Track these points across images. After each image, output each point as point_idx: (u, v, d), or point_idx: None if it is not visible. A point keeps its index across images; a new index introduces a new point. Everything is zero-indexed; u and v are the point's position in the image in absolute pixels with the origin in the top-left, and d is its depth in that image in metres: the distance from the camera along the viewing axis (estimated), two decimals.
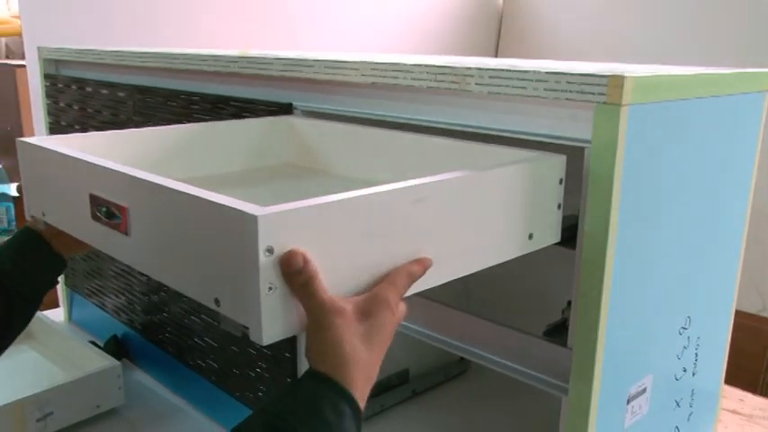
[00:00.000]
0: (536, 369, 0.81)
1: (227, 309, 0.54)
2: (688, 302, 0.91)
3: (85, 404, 1.27)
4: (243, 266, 0.52)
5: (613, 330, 0.76)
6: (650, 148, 0.75)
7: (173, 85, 1.24)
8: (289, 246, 0.52)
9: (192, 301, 1.28)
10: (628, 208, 0.73)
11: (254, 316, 0.52)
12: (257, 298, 0.52)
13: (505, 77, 0.76)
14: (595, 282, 0.73)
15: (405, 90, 0.88)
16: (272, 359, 1.13)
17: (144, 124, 1.31)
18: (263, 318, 0.52)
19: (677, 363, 0.92)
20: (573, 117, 0.74)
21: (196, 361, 1.31)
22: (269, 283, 0.52)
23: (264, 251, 0.51)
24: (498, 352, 0.84)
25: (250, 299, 0.52)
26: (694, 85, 0.81)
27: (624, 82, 0.68)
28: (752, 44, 2.34)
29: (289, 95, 1.03)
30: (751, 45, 2.34)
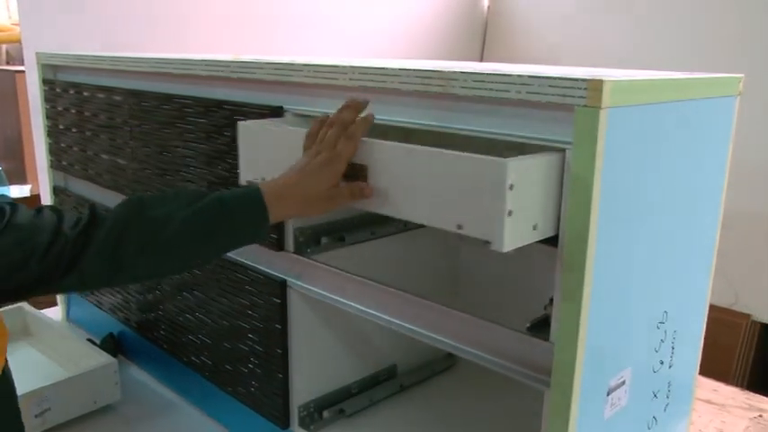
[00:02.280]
0: (520, 363, 0.81)
1: (470, 230, 0.72)
2: (665, 298, 0.91)
3: (83, 400, 1.26)
4: (492, 198, 0.70)
5: (594, 325, 0.76)
6: (628, 149, 0.75)
7: (167, 89, 1.23)
8: (522, 184, 0.70)
9: (187, 299, 1.27)
10: (607, 207, 0.73)
11: (497, 233, 0.70)
12: (502, 220, 0.69)
13: (489, 81, 0.76)
14: (576, 279, 0.73)
15: (392, 93, 0.87)
16: (264, 355, 1.12)
17: (138, 127, 1.30)
18: (505, 233, 0.70)
19: (655, 356, 0.92)
20: (555, 119, 0.73)
21: (190, 357, 1.30)
22: (509, 208, 0.69)
23: (508, 187, 0.68)
24: (484, 347, 0.84)
25: (495, 221, 0.70)
26: (669, 88, 0.81)
27: (603, 86, 0.68)
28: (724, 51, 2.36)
29: (279, 99, 1.02)
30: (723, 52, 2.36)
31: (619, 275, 0.79)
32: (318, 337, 1.13)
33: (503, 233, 0.70)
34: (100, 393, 1.28)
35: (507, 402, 1.22)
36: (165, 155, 1.24)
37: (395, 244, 1.20)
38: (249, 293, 1.13)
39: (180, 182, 1.22)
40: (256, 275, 1.11)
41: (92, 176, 1.47)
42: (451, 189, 0.74)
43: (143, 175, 1.31)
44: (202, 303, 1.24)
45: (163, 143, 1.24)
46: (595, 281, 0.74)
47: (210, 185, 1.15)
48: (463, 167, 0.73)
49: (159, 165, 1.26)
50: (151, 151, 1.28)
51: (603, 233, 0.74)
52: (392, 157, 0.80)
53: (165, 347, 1.37)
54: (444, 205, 0.75)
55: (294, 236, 1.05)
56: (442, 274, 1.33)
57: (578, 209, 0.72)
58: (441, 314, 0.88)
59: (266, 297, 1.10)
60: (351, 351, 1.19)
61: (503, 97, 0.75)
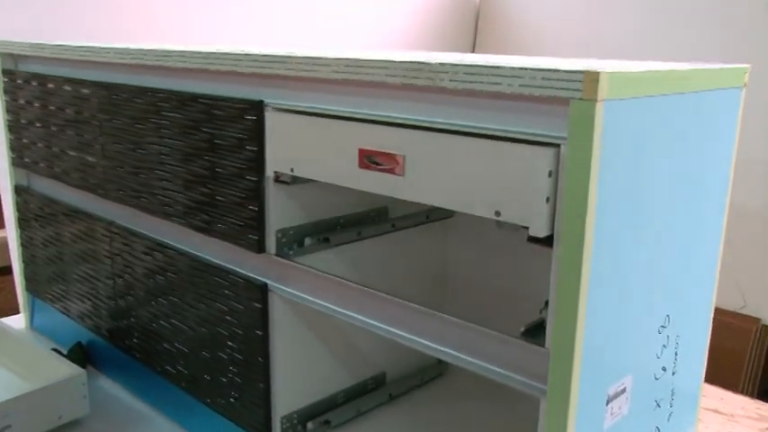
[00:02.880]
0: (514, 370, 0.82)
1: (508, 216, 0.78)
2: (667, 301, 0.93)
3: (47, 415, 1.25)
4: (532, 185, 0.75)
5: (591, 330, 0.77)
6: (627, 145, 0.76)
7: (139, 81, 1.24)
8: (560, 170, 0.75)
9: (161, 305, 1.28)
10: (605, 205, 0.75)
11: (536, 219, 0.76)
12: (542, 206, 0.75)
13: (480, 74, 0.77)
14: (573, 281, 0.74)
15: (378, 86, 0.89)
16: (245, 364, 1.14)
17: (109, 122, 1.31)
18: (545, 219, 0.75)
19: (657, 362, 0.94)
20: (549, 113, 0.75)
21: (165, 367, 1.31)
22: (546, 195, 0.74)
23: (548, 173, 0.73)
24: (476, 353, 0.85)
25: (534, 207, 0.75)
26: (670, 80, 0.82)
27: (599, 77, 0.69)
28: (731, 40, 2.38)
29: (259, 92, 1.04)
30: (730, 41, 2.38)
31: (618, 278, 0.80)
32: (302, 344, 1.14)
33: (542, 219, 0.75)
34: (66, 408, 1.28)
35: (501, 411, 1.23)
36: (139, 152, 1.25)
37: (382, 245, 1.22)
38: (228, 298, 1.14)
39: (155, 180, 1.23)
40: (235, 279, 1.12)
41: (58, 175, 1.47)
42: (491, 176, 0.79)
43: (114, 173, 1.32)
44: (178, 309, 1.25)
45: (135, 139, 1.25)
46: (593, 283, 0.76)
47: (187, 184, 1.17)
48: (503, 155, 0.78)
49: (132, 162, 1.27)
50: (123, 148, 1.29)
51: (601, 233, 0.75)
52: (430, 146, 0.84)
53: (138, 357, 1.38)
54: (482, 192, 0.80)
55: (276, 237, 1.06)
56: (432, 276, 1.35)
57: (574, 207, 0.73)
58: (431, 319, 0.89)
59: (246, 302, 1.11)
60: (336, 358, 1.20)
61: (494, 91, 0.76)
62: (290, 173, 1.01)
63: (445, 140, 0.83)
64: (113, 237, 1.37)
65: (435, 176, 0.84)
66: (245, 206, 1.07)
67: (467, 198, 0.82)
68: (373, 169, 0.90)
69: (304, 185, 1.08)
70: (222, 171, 1.10)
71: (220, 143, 1.09)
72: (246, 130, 1.04)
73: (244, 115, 1.04)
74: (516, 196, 0.77)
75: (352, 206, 1.18)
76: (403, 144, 0.87)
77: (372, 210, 1.21)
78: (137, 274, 1.33)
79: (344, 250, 1.15)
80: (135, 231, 1.32)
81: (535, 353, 0.80)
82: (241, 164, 1.06)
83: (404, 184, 0.87)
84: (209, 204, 1.14)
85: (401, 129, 0.87)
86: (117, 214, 1.38)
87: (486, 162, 0.79)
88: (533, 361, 0.80)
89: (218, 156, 1.10)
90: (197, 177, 1.15)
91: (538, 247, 0.79)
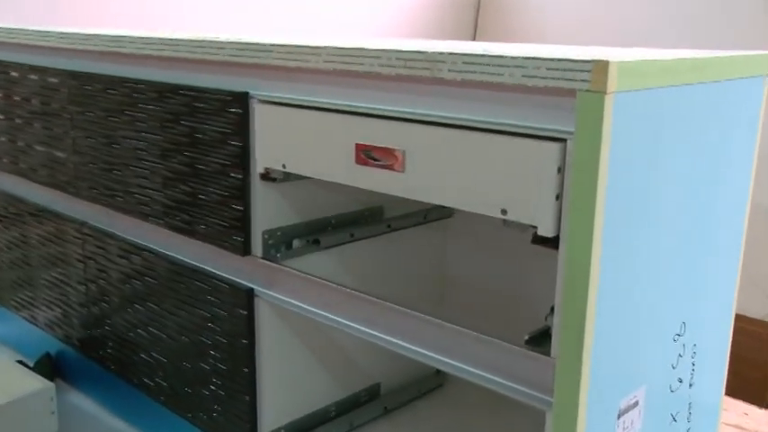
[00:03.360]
0: (518, 381, 0.83)
1: (515, 215, 0.79)
2: (682, 306, 0.94)
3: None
4: (540, 182, 0.77)
5: (601, 338, 0.78)
6: (639, 140, 0.77)
7: (114, 70, 1.24)
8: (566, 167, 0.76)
9: (138, 312, 1.29)
10: (615, 204, 0.75)
11: (545, 217, 0.77)
12: (550, 204, 0.76)
13: (480, 63, 0.78)
14: (580, 285, 0.75)
15: (371, 77, 0.90)
16: (229, 375, 1.14)
17: (80, 114, 1.31)
18: (555, 218, 0.76)
19: (672, 373, 0.95)
20: (554, 106, 0.76)
21: (142, 379, 1.32)
22: (556, 192, 0.75)
23: (557, 169, 0.75)
24: (477, 363, 0.86)
25: (543, 205, 0.77)
26: (686, 69, 0.83)
27: (609, 67, 0.70)
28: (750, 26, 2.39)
29: (244, 83, 1.04)
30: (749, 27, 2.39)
31: (629, 282, 0.81)
32: (290, 354, 1.15)
33: (552, 218, 0.76)
34: (33, 424, 1.28)
35: (504, 425, 1.24)
36: (113, 147, 1.26)
37: (376, 247, 1.22)
38: (211, 304, 1.15)
39: (131, 178, 1.24)
40: (219, 284, 1.13)
41: (24, 171, 1.48)
42: (496, 173, 0.80)
43: (86, 170, 1.33)
44: (157, 316, 1.26)
45: (110, 133, 1.26)
46: (602, 288, 0.76)
47: (166, 182, 1.18)
48: (509, 150, 0.79)
49: (106, 158, 1.28)
50: (96, 143, 1.29)
51: (610, 233, 0.76)
52: (432, 141, 0.85)
53: (112, 368, 1.39)
54: (488, 190, 0.81)
55: (262, 238, 1.07)
56: (430, 280, 1.36)
57: (581, 206, 0.74)
58: (429, 326, 0.90)
59: (230, 308, 1.12)
60: (328, 369, 1.21)
61: (496, 81, 0.77)
62: (282, 169, 1.02)
63: (448, 135, 0.84)
64: (85, 239, 1.38)
65: (437, 173, 0.85)
66: (229, 205, 1.08)
67: (471, 196, 0.83)
68: (371, 165, 0.91)
69: (293, 183, 1.09)
70: (204, 168, 1.11)
71: (202, 138, 1.10)
72: (230, 123, 1.05)
73: (227, 108, 1.05)
74: (524, 194, 0.78)
75: (344, 205, 1.19)
76: (402, 138, 0.88)
77: (366, 209, 1.22)
78: (111, 279, 1.34)
79: (336, 253, 1.16)
80: (109, 233, 1.33)
81: (540, 362, 0.81)
82: (225, 160, 1.07)
83: (403, 181, 0.89)
84: (190, 204, 1.15)
85: (400, 122, 0.88)
86: (89, 214, 1.39)
87: (493, 158, 0.80)
88: (538, 371, 0.81)
89: (199, 151, 1.11)
90: (177, 174, 1.16)
91: (543, 248, 0.80)
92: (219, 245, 1.11)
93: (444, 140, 0.84)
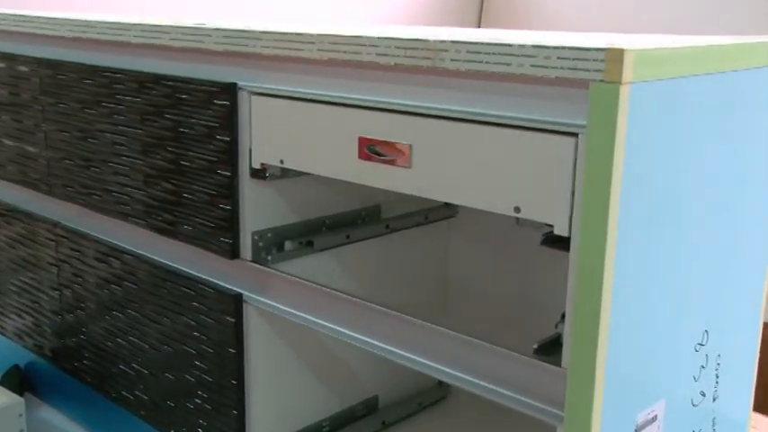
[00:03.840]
0: (526, 393, 0.84)
1: (529, 213, 0.81)
2: (704, 314, 0.94)
3: None
4: (556, 179, 0.78)
5: (615, 347, 0.79)
6: (657, 134, 0.78)
7: (90, 59, 1.25)
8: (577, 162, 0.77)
9: (118, 320, 1.29)
10: (631, 202, 0.76)
11: (561, 215, 0.79)
12: (567, 201, 0.78)
13: (486, 52, 0.79)
14: (593, 290, 0.76)
15: (368, 67, 0.91)
16: (216, 387, 1.15)
17: (54, 106, 1.32)
18: (569, 215, 0.78)
19: (694, 385, 0.95)
20: (565, 98, 0.77)
21: (121, 393, 1.32)
22: (571, 189, 0.77)
23: (574, 164, 0.77)
24: (482, 374, 0.87)
25: (559, 203, 0.78)
26: (706, 58, 0.83)
27: (624, 56, 0.71)
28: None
29: (232, 73, 1.05)
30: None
31: (646, 286, 0.82)
32: (282, 364, 1.16)
33: (567, 216, 0.78)
34: None
35: None
36: (90, 141, 1.27)
37: (374, 249, 1.23)
38: (196, 311, 1.16)
39: (109, 175, 1.25)
40: (205, 289, 1.14)
41: None
42: (509, 169, 0.82)
43: (60, 166, 1.34)
44: (137, 324, 1.27)
45: (85, 126, 1.27)
46: (616, 292, 0.77)
47: (148, 179, 1.18)
48: (524, 145, 0.80)
49: (81, 154, 1.29)
50: (70, 137, 1.30)
51: (626, 234, 0.76)
52: (440, 135, 0.86)
53: (88, 381, 1.39)
54: (500, 187, 0.83)
55: (251, 240, 1.08)
56: (431, 284, 1.37)
57: (594, 205, 0.74)
58: (431, 334, 0.91)
59: (217, 315, 1.13)
60: (322, 380, 1.22)
61: (502, 72, 0.78)
62: (280, 165, 1.03)
63: (458, 128, 0.85)
64: (59, 241, 1.39)
65: (446, 169, 0.86)
66: (216, 204, 1.09)
67: (482, 193, 0.84)
68: (375, 161, 0.92)
69: (285, 181, 1.10)
70: (189, 164, 1.11)
71: (187, 132, 1.10)
72: (217, 116, 1.06)
73: (214, 100, 1.06)
74: (539, 191, 0.79)
75: (339, 204, 1.20)
76: (409, 132, 0.89)
77: (363, 209, 1.23)
78: (87, 285, 1.35)
79: (331, 255, 1.17)
80: (85, 234, 1.34)
81: (550, 373, 0.82)
82: (211, 155, 1.08)
83: (410, 178, 0.90)
84: (173, 203, 1.15)
85: (407, 116, 0.89)
86: (63, 214, 1.39)
87: (506, 153, 0.81)
88: (548, 383, 0.82)
89: (184, 146, 1.12)
90: (159, 171, 1.16)
91: (554, 250, 0.81)
92: (205, 247, 1.12)
93: (453, 134, 0.85)
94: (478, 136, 0.83)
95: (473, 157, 0.84)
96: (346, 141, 0.95)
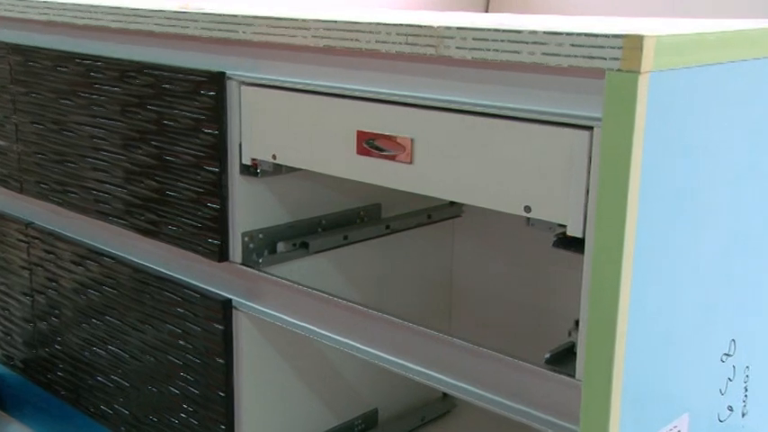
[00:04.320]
0: (537, 407, 0.85)
1: (540, 213, 0.82)
2: (732, 321, 0.94)
3: None
4: (569, 175, 0.79)
5: (634, 357, 0.79)
6: (679, 127, 0.78)
7: (66, 45, 1.26)
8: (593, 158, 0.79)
9: (96, 328, 1.30)
10: (650, 202, 0.76)
11: (575, 215, 0.79)
12: (582, 199, 0.78)
13: (493, 39, 0.80)
14: (609, 296, 0.76)
15: (367, 56, 0.92)
16: (202, 400, 1.16)
17: (25, 96, 1.32)
18: (587, 214, 0.78)
19: (720, 399, 0.96)
20: (579, 88, 0.77)
21: (100, 407, 1.33)
22: (586, 186, 0.78)
23: (587, 161, 0.77)
24: (490, 385, 0.88)
25: (573, 201, 0.79)
26: (732, 44, 0.84)
27: (643, 43, 0.71)
28: None
29: (220, 62, 1.06)
30: None
31: (667, 291, 0.82)
32: (274, 375, 1.16)
33: (582, 215, 0.78)
34: None
35: None
36: (65, 134, 1.27)
37: (374, 251, 1.24)
38: (181, 318, 1.16)
39: (87, 170, 1.25)
40: (191, 294, 1.14)
41: None
42: (519, 165, 0.82)
43: (33, 161, 1.34)
44: (117, 333, 1.27)
45: (61, 118, 1.27)
46: (634, 298, 0.77)
47: (129, 176, 1.19)
48: (535, 139, 0.81)
49: (56, 148, 1.29)
50: (44, 129, 1.31)
51: (645, 235, 0.77)
52: (444, 129, 0.87)
53: (63, 395, 1.39)
54: (509, 184, 0.83)
55: (242, 241, 1.08)
56: (435, 288, 1.37)
57: (611, 204, 0.75)
58: (434, 342, 0.92)
59: (204, 322, 1.13)
60: (317, 393, 1.23)
61: (511, 60, 0.79)
62: (272, 161, 1.04)
63: (463, 121, 0.85)
64: (32, 242, 1.39)
65: (451, 165, 0.87)
66: (203, 203, 1.10)
67: (490, 191, 0.85)
68: (374, 156, 0.93)
69: (277, 177, 1.10)
70: (174, 159, 1.12)
71: (171, 125, 1.11)
72: (204, 108, 1.06)
73: (200, 90, 1.06)
74: (551, 189, 0.80)
75: (336, 203, 1.20)
76: (411, 126, 0.89)
77: (362, 208, 1.24)
78: (63, 290, 1.35)
79: (327, 258, 1.18)
80: (61, 235, 1.34)
81: (564, 385, 0.83)
82: (198, 150, 1.09)
83: (412, 175, 0.90)
84: (157, 201, 1.16)
85: (408, 108, 0.90)
86: (37, 213, 1.40)
87: (515, 148, 0.82)
88: (561, 395, 0.83)
89: (168, 140, 1.12)
90: (142, 167, 1.17)
91: (567, 252, 0.82)
92: (192, 249, 1.13)
93: (459, 128, 0.86)
94: (485, 129, 0.84)
95: (480, 152, 0.84)
96: (343, 135, 0.95)
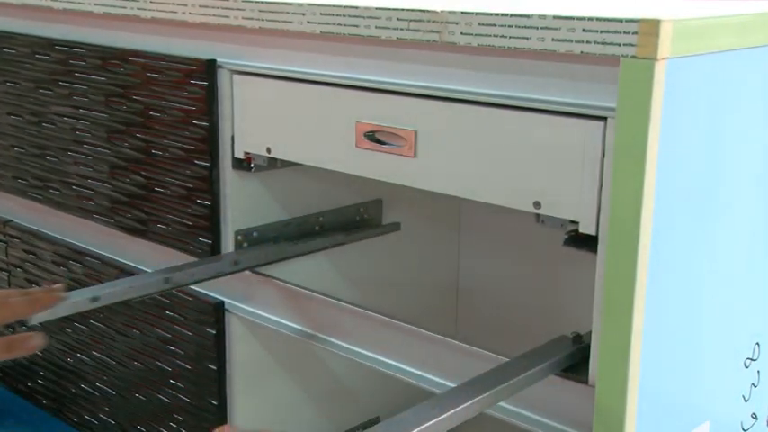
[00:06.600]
0: (549, 414, 0.86)
1: (551, 209, 0.82)
2: (755, 324, 0.95)
3: None
4: (582, 169, 0.79)
5: (650, 362, 0.79)
6: (696, 116, 0.79)
7: (44, 30, 1.26)
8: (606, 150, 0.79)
9: (81, 333, 1.30)
10: (666, 196, 0.77)
11: (587, 210, 0.80)
12: (594, 194, 0.79)
13: (501, 25, 0.80)
14: (624, 297, 0.77)
15: (367, 42, 0.92)
16: (194, 409, 1.16)
17: (1, 85, 1.33)
18: (600, 210, 0.79)
19: (743, 406, 0.96)
20: (592, 77, 0.78)
21: (84, 417, 1.34)
22: (600, 180, 0.78)
23: (600, 153, 0.78)
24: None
25: (585, 197, 0.80)
26: (754, 28, 0.84)
27: (660, 28, 0.71)
28: None
29: (211, 49, 1.06)
30: None
31: (684, 293, 0.83)
32: (269, 382, 1.17)
33: (595, 211, 0.79)
34: None
35: None
36: (45, 127, 1.28)
37: (375, 249, 1.25)
38: (171, 321, 1.17)
39: (68, 165, 1.26)
40: (182, 296, 1.15)
41: None
42: (527, 158, 0.83)
43: (10, 155, 1.35)
44: (103, 338, 1.28)
45: (39, 109, 1.28)
46: (651, 299, 0.77)
47: (114, 171, 1.19)
48: (543, 130, 0.81)
49: (35, 141, 1.30)
50: (22, 121, 1.31)
51: (661, 233, 0.77)
52: (449, 120, 0.87)
53: (45, 404, 1.40)
54: (518, 179, 0.84)
55: (235, 240, 1.09)
56: (439, 291, 1.38)
57: (626, 199, 0.75)
58: (439, 346, 0.92)
59: (196, 326, 1.14)
60: (315, 400, 1.23)
61: (520, 47, 0.79)
62: (266, 155, 1.04)
63: (470, 112, 0.86)
64: (10, 241, 1.40)
65: (456, 158, 0.87)
66: (194, 200, 1.10)
67: (497, 186, 0.85)
68: (375, 149, 0.93)
69: (272, 172, 1.11)
70: (162, 153, 1.13)
71: (159, 116, 1.12)
72: (194, 98, 1.07)
73: (191, 79, 1.07)
74: (562, 183, 0.80)
75: (335, 200, 1.20)
76: (414, 117, 0.90)
77: (362, 204, 1.24)
78: None
79: (325, 258, 1.19)
80: (41, 234, 1.35)
81: (576, 391, 0.83)
82: (187, 144, 1.09)
83: (415, 169, 0.91)
84: (144, 198, 1.16)
85: (411, 98, 0.90)
86: (15, 211, 1.41)
87: (524, 140, 0.82)
88: (574, 402, 0.84)
89: (155, 133, 1.13)
90: (127, 162, 1.17)
91: (579, 251, 0.82)
92: (182, 248, 1.14)
93: (464, 119, 0.86)
94: (493, 121, 0.84)
95: (486, 144, 0.85)
96: (342, 127, 0.95)
